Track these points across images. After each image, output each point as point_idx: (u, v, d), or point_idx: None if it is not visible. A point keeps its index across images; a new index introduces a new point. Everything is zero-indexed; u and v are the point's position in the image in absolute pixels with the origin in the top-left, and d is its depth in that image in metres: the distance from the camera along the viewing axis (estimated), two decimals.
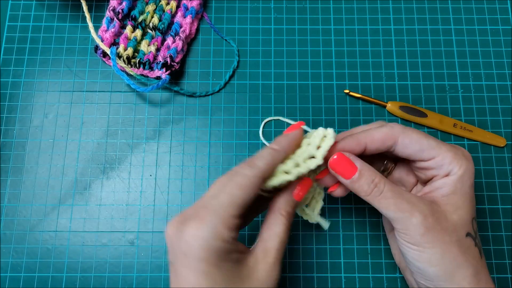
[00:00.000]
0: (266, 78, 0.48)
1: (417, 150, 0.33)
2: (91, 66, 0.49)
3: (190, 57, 0.49)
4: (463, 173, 0.32)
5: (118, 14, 0.47)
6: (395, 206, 0.31)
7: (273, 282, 0.30)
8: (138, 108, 0.47)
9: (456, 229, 0.31)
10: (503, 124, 0.47)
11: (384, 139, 0.33)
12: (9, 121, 0.47)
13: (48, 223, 0.44)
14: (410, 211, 0.31)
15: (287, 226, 0.32)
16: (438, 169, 0.33)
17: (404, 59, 0.49)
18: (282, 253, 0.31)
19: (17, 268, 0.42)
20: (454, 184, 0.32)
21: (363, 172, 0.32)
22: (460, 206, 0.32)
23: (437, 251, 0.30)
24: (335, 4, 0.51)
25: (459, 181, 0.32)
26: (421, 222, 0.30)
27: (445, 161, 0.33)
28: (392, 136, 0.33)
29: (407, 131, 0.33)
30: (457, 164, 0.32)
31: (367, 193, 0.32)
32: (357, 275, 0.42)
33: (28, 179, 0.45)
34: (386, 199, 0.31)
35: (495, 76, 0.48)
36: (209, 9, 0.51)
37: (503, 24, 0.50)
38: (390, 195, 0.31)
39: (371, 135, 0.33)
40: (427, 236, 0.30)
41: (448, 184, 0.33)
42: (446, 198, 0.32)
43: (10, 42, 0.49)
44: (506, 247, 0.43)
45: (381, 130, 0.34)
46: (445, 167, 0.33)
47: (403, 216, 0.31)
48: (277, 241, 0.31)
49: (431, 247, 0.30)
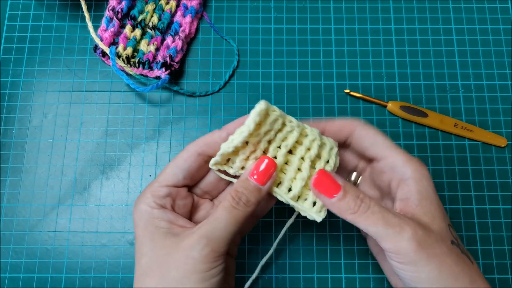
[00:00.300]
0: (266, 78, 0.48)
1: (371, 144, 0.33)
2: (91, 65, 0.48)
3: (189, 57, 0.49)
4: (420, 177, 0.31)
5: (118, 13, 0.47)
6: (383, 221, 0.29)
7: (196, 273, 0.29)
8: (138, 108, 0.47)
9: (443, 239, 0.30)
10: (504, 124, 0.46)
11: (342, 126, 0.34)
12: (8, 121, 0.46)
13: (47, 224, 0.43)
14: (400, 225, 0.29)
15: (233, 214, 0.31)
16: (392, 171, 0.32)
17: (404, 58, 0.49)
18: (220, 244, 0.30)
19: (16, 269, 0.42)
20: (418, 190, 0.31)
21: (347, 189, 0.31)
22: (434, 214, 0.31)
23: (434, 267, 0.29)
24: (335, 3, 0.51)
25: (419, 185, 0.31)
26: (412, 236, 0.29)
27: (397, 162, 0.32)
28: (350, 126, 0.34)
29: (366, 126, 0.34)
30: (410, 167, 0.31)
31: (354, 210, 0.30)
32: (358, 276, 0.42)
33: (27, 179, 0.45)
34: (374, 214, 0.30)
35: (496, 75, 0.48)
36: (209, 9, 0.51)
37: (504, 23, 0.50)
38: (377, 209, 0.30)
39: (332, 120, 0.35)
40: (421, 252, 0.29)
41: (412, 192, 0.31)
42: (420, 207, 0.31)
43: (9, 42, 0.49)
44: (507, 248, 0.43)
45: (343, 118, 0.35)
46: (398, 169, 0.32)
47: (393, 232, 0.29)
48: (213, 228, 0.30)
49: (426, 264, 0.29)
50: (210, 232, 0.30)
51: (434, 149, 0.46)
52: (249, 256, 0.42)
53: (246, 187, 0.32)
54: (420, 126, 0.46)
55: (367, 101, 0.47)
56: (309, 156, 0.33)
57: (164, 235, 0.31)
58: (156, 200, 0.32)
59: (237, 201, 0.31)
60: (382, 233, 0.29)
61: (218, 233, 0.30)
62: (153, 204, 0.32)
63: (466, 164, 0.45)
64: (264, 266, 0.42)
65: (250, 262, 0.42)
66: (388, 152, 0.33)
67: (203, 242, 0.29)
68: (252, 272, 0.41)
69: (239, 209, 0.31)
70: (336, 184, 0.31)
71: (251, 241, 0.43)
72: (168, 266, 0.29)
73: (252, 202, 0.31)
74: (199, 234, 0.30)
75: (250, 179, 0.32)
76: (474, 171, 0.45)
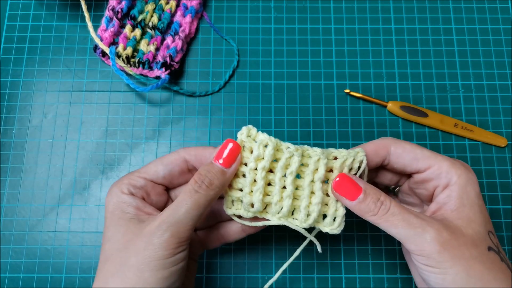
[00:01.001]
0: (266, 78, 0.48)
1: (411, 158, 0.33)
2: (90, 65, 0.48)
3: (189, 57, 0.49)
4: (465, 183, 0.31)
5: (118, 13, 0.47)
6: (404, 222, 0.29)
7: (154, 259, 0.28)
8: (138, 108, 0.47)
9: (476, 243, 0.29)
10: (504, 124, 0.46)
11: (377, 149, 0.33)
12: (8, 121, 0.46)
13: (47, 224, 0.43)
14: (421, 226, 0.29)
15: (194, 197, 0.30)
16: (437, 179, 0.32)
17: (404, 58, 0.49)
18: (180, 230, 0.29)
19: (16, 269, 0.42)
20: (459, 195, 0.31)
21: (368, 192, 0.31)
22: (472, 219, 0.30)
23: (460, 269, 0.28)
24: (336, 3, 0.51)
25: (463, 191, 0.31)
26: (434, 237, 0.28)
27: (442, 169, 0.32)
28: (385, 146, 0.33)
29: (399, 141, 0.33)
30: (456, 173, 0.31)
31: (374, 212, 0.30)
32: (358, 276, 0.42)
33: (27, 179, 0.45)
34: (394, 216, 0.30)
35: (496, 75, 0.48)
36: (209, 9, 0.51)
37: (504, 23, 0.50)
38: (397, 211, 0.30)
39: (364, 147, 0.34)
40: (445, 253, 0.28)
41: (453, 197, 0.31)
42: (456, 212, 0.30)
43: (9, 42, 0.49)
44: (507, 248, 0.43)
45: (373, 142, 0.34)
46: (443, 176, 0.32)
47: (415, 233, 0.29)
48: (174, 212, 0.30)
49: (452, 266, 0.28)
50: (171, 216, 0.30)
51: (434, 149, 0.45)
52: (249, 256, 0.42)
53: (209, 170, 0.31)
54: (420, 126, 0.46)
55: (367, 101, 0.47)
56: (318, 178, 0.32)
57: (129, 220, 0.31)
58: (130, 187, 0.32)
59: (200, 184, 0.31)
60: (404, 234, 0.29)
61: (179, 218, 0.30)
62: (126, 190, 0.32)
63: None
64: (264, 266, 0.42)
65: (250, 262, 0.42)
66: (431, 161, 0.32)
67: (163, 227, 0.29)
68: (252, 272, 0.41)
69: (201, 192, 0.31)
70: (357, 186, 0.31)
71: (251, 241, 0.43)
72: (128, 252, 0.29)
73: (216, 185, 0.31)
74: (160, 219, 0.30)
75: (215, 163, 0.32)
76: (474, 171, 0.45)
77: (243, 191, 0.33)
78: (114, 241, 0.30)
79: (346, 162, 0.32)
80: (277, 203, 0.33)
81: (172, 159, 0.34)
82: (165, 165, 0.33)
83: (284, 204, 0.32)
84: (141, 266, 0.28)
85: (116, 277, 0.29)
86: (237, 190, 0.33)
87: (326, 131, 0.46)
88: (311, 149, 0.32)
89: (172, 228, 0.29)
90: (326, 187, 0.33)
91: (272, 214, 0.33)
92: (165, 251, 0.29)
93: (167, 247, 0.29)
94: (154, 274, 0.28)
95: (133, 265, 0.28)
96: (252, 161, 0.32)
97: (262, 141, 0.32)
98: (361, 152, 0.33)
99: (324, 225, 0.33)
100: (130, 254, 0.29)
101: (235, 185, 0.33)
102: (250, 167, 0.32)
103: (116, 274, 0.29)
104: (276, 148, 0.32)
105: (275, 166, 0.33)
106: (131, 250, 0.29)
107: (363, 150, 0.33)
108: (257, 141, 0.32)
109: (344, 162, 0.32)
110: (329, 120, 0.46)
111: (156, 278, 0.28)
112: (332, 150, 0.33)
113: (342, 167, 0.33)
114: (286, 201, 0.32)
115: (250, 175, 0.32)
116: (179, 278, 0.30)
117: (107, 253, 0.30)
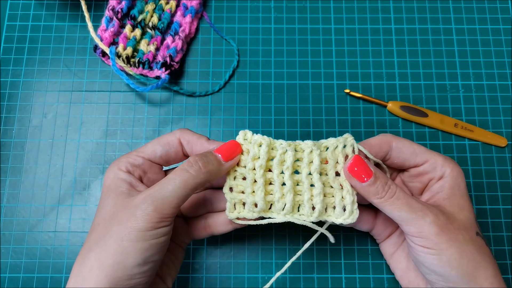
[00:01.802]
0: (266, 78, 0.48)
1: (411, 153, 0.35)
2: (90, 65, 0.48)
3: (189, 57, 0.49)
4: (457, 175, 0.34)
5: (118, 13, 0.47)
6: (408, 207, 0.32)
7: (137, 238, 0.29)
8: (138, 108, 0.47)
9: (467, 228, 0.32)
10: (504, 124, 0.46)
11: (380, 144, 0.35)
12: (8, 121, 0.46)
13: (47, 224, 0.43)
14: (423, 210, 0.31)
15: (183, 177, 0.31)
16: (433, 171, 0.35)
17: (404, 58, 0.49)
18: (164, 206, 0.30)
19: (16, 269, 0.42)
20: (451, 186, 0.34)
21: (378, 175, 0.33)
22: (463, 206, 0.33)
23: (455, 251, 0.31)
24: (336, 3, 0.51)
25: (455, 182, 0.34)
26: (433, 220, 0.31)
27: (437, 163, 0.34)
28: (387, 141, 0.35)
29: (399, 137, 0.36)
30: (449, 167, 0.34)
31: (381, 195, 0.32)
32: (358, 276, 0.42)
33: (27, 179, 0.45)
34: (399, 200, 0.32)
35: (496, 75, 0.48)
36: (209, 9, 0.51)
37: (504, 23, 0.50)
38: (402, 195, 0.32)
39: (368, 142, 0.36)
40: (442, 235, 0.31)
41: (445, 187, 0.34)
42: (448, 200, 0.33)
43: (9, 42, 0.49)
44: (507, 248, 0.43)
45: (376, 137, 0.36)
46: (438, 169, 0.34)
47: (416, 216, 0.31)
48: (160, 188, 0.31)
49: (447, 247, 0.31)
50: (157, 192, 0.31)
51: (434, 149, 0.45)
52: (249, 256, 0.42)
53: (207, 155, 0.33)
54: (420, 126, 0.46)
55: (367, 101, 0.47)
56: (315, 169, 0.33)
57: (121, 194, 0.32)
58: (128, 165, 0.34)
59: (192, 164, 0.32)
60: (406, 217, 0.32)
61: (165, 194, 0.31)
62: (123, 167, 0.34)
63: (466, 164, 0.45)
64: (265, 266, 0.42)
65: (250, 262, 0.42)
66: (426, 155, 0.35)
67: (147, 201, 0.30)
68: (252, 272, 0.41)
69: (192, 172, 0.31)
70: (369, 169, 0.33)
71: (251, 241, 0.43)
72: (112, 222, 0.30)
73: (208, 170, 0.32)
74: (146, 193, 0.31)
75: (215, 153, 0.33)
76: (474, 171, 0.45)
77: (245, 192, 0.33)
78: (103, 212, 0.32)
79: (337, 149, 0.34)
80: (279, 200, 0.33)
81: (169, 140, 0.35)
82: (162, 145, 0.35)
83: (287, 199, 0.33)
84: (121, 235, 0.29)
85: (99, 245, 0.30)
86: (239, 193, 0.34)
87: (326, 131, 0.46)
88: (303, 142, 0.34)
89: (156, 203, 0.30)
90: (325, 179, 0.34)
91: (277, 211, 0.34)
92: (146, 224, 0.30)
93: (149, 220, 0.30)
94: (133, 244, 0.29)
95: (114, 234, 0.30)
96: (249, 161, 0.33)
97: (256, 141, 0.33)
98: (350, 137, 0.34)
99: (335, 216, 0.34)
100: (113, 224, 0.30)
101: (236, 188, 0.34)
102: (248, 167, 0.33)
103: (99, 243, 0.30)
104: (271, 147, 0.33)
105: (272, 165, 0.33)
106: (115, 221, 0.30)
107: (351, 135, 0.35)
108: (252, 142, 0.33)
109: (335, 150, 0.34)
110: (329, 120, 0.46)
111: (134, 249, 0.29)
112: (322, 141, 0.34)
113: (336, 156, 0.34)
114: (288, 196, 0.33)
115: (249, 175, 0.33)
116: (159, 252, 0.31)
117: (95, 222, 0.32)
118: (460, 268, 0.31)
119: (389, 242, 0.39)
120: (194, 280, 0.42)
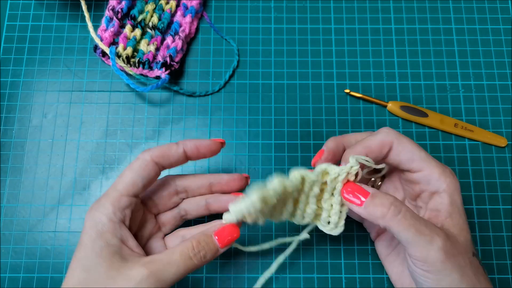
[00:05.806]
0: (266, 78, 0.48)
1: (408, 158, 0.33)
2: (90, 65, 0.48)
3: (189, 57, 0.49)
4: (453, 191, 0.32)
5: (118, 13, 0.47)
6: (415, 228, 0.30)
7: None
8: (138, 108, 0.47)
9: (466, 251, 0.31)
10: (504, 124, 0.46)
11: (381, 147, 0.33)
12: (8, 121, 0.46)
13: (47, 224, 0.43)
14: (430, 234, 0.29)
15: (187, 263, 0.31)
16: (426, 184, 0.33)
17: (405, 58, 0.49)
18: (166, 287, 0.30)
19: (16, 269, 0.42)
20: (449, 203, 0.32)
21: (375, 194, 0.31)
22: (462, 227, 0.32)
23: (456, 277, 0.29)
24: (336, 3, 0.51)
25: (452, 199, 0.32)
26: (441, 247, 0.29)
27: (433, 176, 0.32)
28: (388, 142, 0.33)
29: (402, 138, 0.34)
30: (444, 182, 0.32)
31: (383, 213, 0.30)
32: (358, 276, 0.42)
33: (27, 179, 0.45)
34: (407, 220, 0.30)
35: (496, 75, 0.48)
36: (209, 8, 0.51)
37: (504, 23, 0.50)
38: (409, 215, 0.30)
39: (368, 146, 0.33)
40: (447, 263, 0.29)
41: (444, 204, 0.32)
42: (450, 219, 0.32)
43: (9, 42, 0.49)
44: (507, 248, 0.43)
45: (377, 138, 0.34)
46: (432, 183, 0.33)
47: (423, 240, 0.29)
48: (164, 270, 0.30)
49: (450, 273, 0.29)
50: (161, 272, 0.30)
51: (434, 149, 0.46)
52: (249, 256, 0.42)
53: (208, 243, 0.32)
54: (420, 126, 0.46)
55: (367, 101, 0.47)
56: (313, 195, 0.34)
57: (113, 255, 0.30)
58: (117, 211, 0.32)
59: (195, 253, 0.32)
60: (412, 240, 0.30)
61: (168, 276, 0.30)
62: (112, 215, 0.31)
63: (466, 164, 0.45)
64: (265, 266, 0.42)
65: (250, 262, 0.42)
66: (423, 164, 0.33)
67: (150, 281, 0.29)
68: (252, 272, 0.41)
69: (195, 261, 0.31)
70: (365, 191, 0.32)
71: (251, 241, 0.43)
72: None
73: (207, 260, 0.32)
74: (150, 270, 0.30)
75: (214, 237, 0.33)
76: (474, 171, 0.45)
77: None
78: (94, 273, 0.30)
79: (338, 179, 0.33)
80: None
81: (143, 166, 0.33)
82: (140, 174, 0.33)
83: None
84: None
85: None
86: None
87: (326, 131, 0.46)
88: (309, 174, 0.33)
89: (159, 284, 0.30)
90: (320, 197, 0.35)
91: None
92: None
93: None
94: None
95: None
96: None
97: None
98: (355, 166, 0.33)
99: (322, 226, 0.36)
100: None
101: None
102: None
103: None
104: None
105: None
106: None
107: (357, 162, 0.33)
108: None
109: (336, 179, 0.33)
110: (329, 120, 0.46)
111: None
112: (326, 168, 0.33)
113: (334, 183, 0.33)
114: None
115: None
116: None
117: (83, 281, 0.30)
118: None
119: (382, 243, 0.38)
120: (194, 280, 0.42)
